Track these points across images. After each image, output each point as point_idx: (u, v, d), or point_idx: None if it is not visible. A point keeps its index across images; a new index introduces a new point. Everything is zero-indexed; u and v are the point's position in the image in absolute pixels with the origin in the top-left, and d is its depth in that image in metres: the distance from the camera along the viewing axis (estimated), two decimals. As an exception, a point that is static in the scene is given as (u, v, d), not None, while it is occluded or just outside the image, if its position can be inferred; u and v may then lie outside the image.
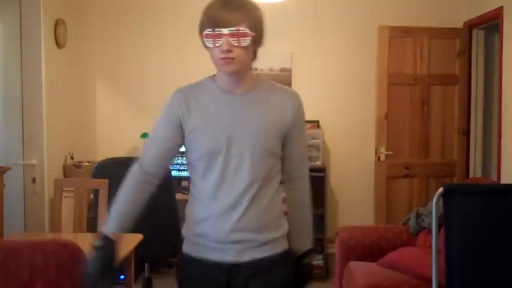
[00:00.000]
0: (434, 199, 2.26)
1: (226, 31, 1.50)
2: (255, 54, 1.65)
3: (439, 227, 2.55)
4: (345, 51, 4.83)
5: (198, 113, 1.63)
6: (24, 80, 3.93)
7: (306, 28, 4.80)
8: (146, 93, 4.86)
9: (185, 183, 4.50)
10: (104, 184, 3.15)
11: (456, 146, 4.66)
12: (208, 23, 1.53)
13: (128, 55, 4.86)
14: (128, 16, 4.85)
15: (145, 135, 4.69)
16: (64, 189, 3.26)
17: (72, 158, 4.44)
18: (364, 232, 3.53)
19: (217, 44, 1.52)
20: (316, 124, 4.72)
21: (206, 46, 1.57)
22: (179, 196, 3.98)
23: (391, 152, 4.58)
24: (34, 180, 3.94)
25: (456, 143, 4.66)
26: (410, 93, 4.60)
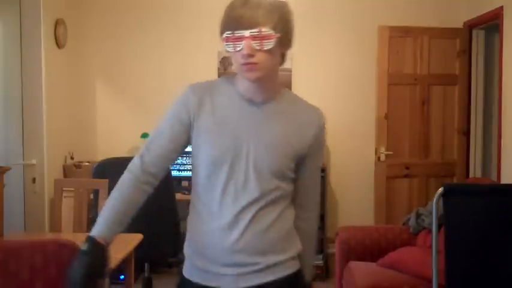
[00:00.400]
0: (434, 199, 2.26)
1: (247, 33, 1.33)
2: (283, 57, 1.49)
3: (439, 227, 2.55)
4: (345, 51, 4.83)
5: (211, 116, 1.46)
6: (24, 80, 3.93)
7: (306, 28, 4.80)
8: (146, 93, 4.86)
9: (185, 183, 4.50)
10: (104, 184, 3.15)
11: (456, 146, 4.66)
12: (227, 25, 1.37)
13: (128, 55, 4.86)
14: (128, 16, 4.85)
15: (145, 135, 4.69)
16: (64, 189, 3.26)
17: (72, 158, 4.44)
18: (364, 232, 3.54)
19: (238, 48, 1.36)
20: (316, 124, 4.70)
21: (227, 51, 1.40)
22: (179, 196, 3.99)
23: (391, 152, 4.58)
24: (34, 180, 3.94)
25: (456, 143, 4.66)
26: (410, 93, 4.60)
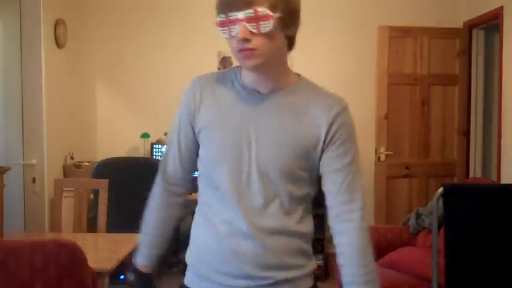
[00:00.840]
0: (434, 199, 2.26)
1: (241, 15, 1.17)
2: (292, 41, 1.30)
3: (439, 227, 2.55)
4: (345, 51, 4.83)
5: (211, 110, 1.32)
6: (24, 80, 3.93)
7: (306, 28, 4.78)
8: (146, 93, 4.86)
9: (185, 183, 4.49)
10: (104, 184, 3.15)
11: (456, 146, 4.66)
12: (220, 8, 1.21)
13: (128, 55, 4.86)
14: (128, 16, 4.85)
15: (145, 135, 4.69)
16: (64, 189, 3.26)
17: (72, 158, 4.44)
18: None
19: (233, 33, 1.19)
20: (316, 124, 4.71)
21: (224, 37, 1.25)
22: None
23: (391, 152, 4.58)
24: (34, 180, 3.94)
25: (456, 143, 4.66)
26: (410, 93, 4.60)
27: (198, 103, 1.34)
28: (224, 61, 4.77)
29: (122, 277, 3.90)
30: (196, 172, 1.41)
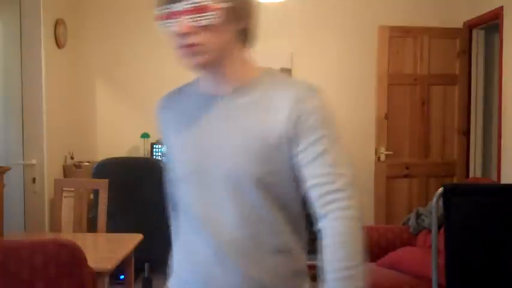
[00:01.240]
0: (434, 199, 2.26)
1: (180, 7, 1.03)
2: (246, 35, 1.13)
3: (439, 227, 2.55)
4: (345, 51, 4.83)
5: (173, 127, 1.21)
6: (24, 80, 3.93)
7: (306, 28, 4.80)
8: (146, 93, 4.86)
9: (185, 183, 4.49)
10: (104, 184, 3.15)
11: (456, 146, 4.66)
12: (159, 0, 1.07)
13: (128, 55, 4.86)
14: (128, 16, 4.84)
15: (145, 135, 4.69)
16: (64, 189, 3.26)
17: (72, 158, 4.44)
18: (363, 232, 3.53)
19: (173, 28, 1.06)
20: (316, 124, 4.71)
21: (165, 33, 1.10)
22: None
23: (391, 152, 4.58)
24: (34, 180, 3.94)
25: (456, 143, 4.65)
26: (410, 93, 4.59)
27: (162, 124, 1.25)
28: (224, 61, 4.77)
29: (122, 277, 3.90)
30: None
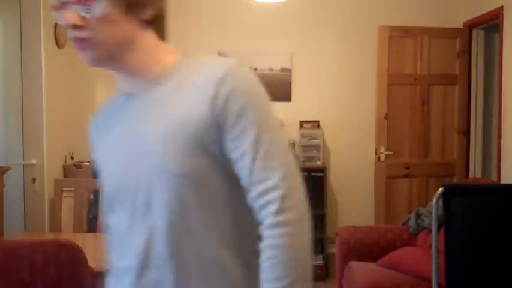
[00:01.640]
0: (434, 199, 2.26)
1: None
2: (154, 24, 1.02)
3: (439, 227, 2.55)
4: (345, 51, 4.83)
5: (101, 141, 1.10)
6: (24, 80, 3.93)
7: (306, 28, 4.80)
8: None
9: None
10: (104, 184, 3.15)
11: (456, 146, 4.66)
12: None
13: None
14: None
15: (145, 135, 4.69)
16: (64, 189, 3.26)
17: (72, 158, 4.44)
18: (364, 232, 3.54)
19: (62, 19, 0.94)
20: (316, 124, 4.72)
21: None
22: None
23: (391, 152, 4.59)
24: (34, 180, 3.94)
25: (456, 143, 4.66)
26: (410, 93, 4.60)
27: (94, 140, 1.14)
28: (224, 61, 4.77)
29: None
30: None
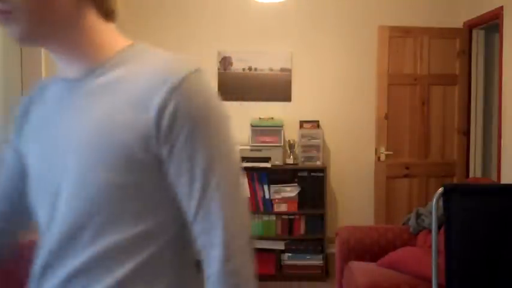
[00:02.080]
0: (434, 199, 2.26)
1: None
2: (98, 1, 0.89)
3: (439, 227, 2.55)
4: (345, 51, 4.83)
5: (27, 126, 1.02)
6: (24, 80, 3.93)
7: (306, 28, 4.80)
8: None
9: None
10: (104, 184, 3.15)
11: (456, 146, 4.66)
12: None
13: (128, 55, 4.85)
14: (127, 16, 4.84)
15: (145, 135, 4.69)
16: (64, 189, 3.26)
17: (72, 158, 4.44)
18: (364, 232, 3.54)
19: None
20: (316, 124, 4.72)
21: None
22: (179, 196, 3.98)
23: (391, 152, 4.59)
24: (34, 180, 3.94)
25: (456, 143, 4.66)
26: (410, 93, 4.60)
27: (21, 121, 1.05)
28: (224, 61, 4.77)
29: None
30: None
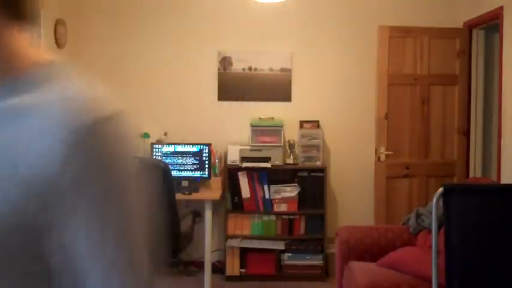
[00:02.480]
0: (434, 199, 2.26)
1: None
2: (10, 8, 0.68)
3: (439, 227, 2.55)
4: (345, 51, 4.83)
5: None
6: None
7: (306, 28, 4.80)
8: (146, 93, 4.86)
9: (185, 183, 4.50)
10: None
11: (456, 146, 4.66)
12: None
13: (128, 55, 4.86)
14: (128, 16, 4.85)
15: (145, 135, 4.69)
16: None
17: (72, 158, 4.44)
18: (364, 232, 3.54)
19: None
20: (316, 124, 4.72)
21: None
22: (179, 196, 3.99)
23: (391, 152, 4.58)
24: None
25: (456, 143, 4.66)
26: (410, 93, 4.60)
27: None
28: (224, 61, 4.77)
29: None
30: None
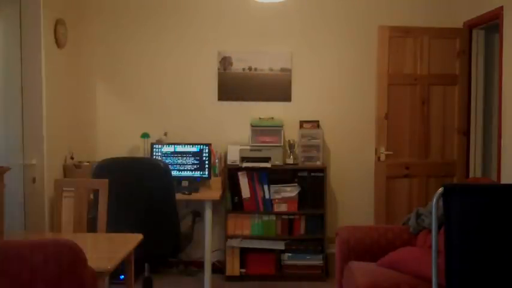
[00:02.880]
0: (434, 199, 2.26)
1: None
2: None
3: (439, 227, 2.55)
4: (345, 51, 4.83)
5: None
6: (24, 80, 3.92)
7: (306, 28, 4.80)
8: (146, 93, 4.86)
9: (185, 183, 4.50)
10: (104, 184, 3.15)
11: (456, 146, 4.66)
12: None
13: (128, 55, 4.86)
14: (128, 16, 4.85)
15: (145, 135, 4.69)
16: (64, 189, 3.26)
17: (72, 158, 4.43)
18: (364, 232, 3.53)
19: None
20: (316, 124, 4.72)
21: None
22: (179, 196, 3.99)
23: (391, 152, 4.58)
24: (34, 180, 3.94)
25: (456, 143, 4.66)
26: (410, 93, 4.60)
27: None
28: (224, 61, 4.77)
29: (122, 277, 3.90)
30: None
